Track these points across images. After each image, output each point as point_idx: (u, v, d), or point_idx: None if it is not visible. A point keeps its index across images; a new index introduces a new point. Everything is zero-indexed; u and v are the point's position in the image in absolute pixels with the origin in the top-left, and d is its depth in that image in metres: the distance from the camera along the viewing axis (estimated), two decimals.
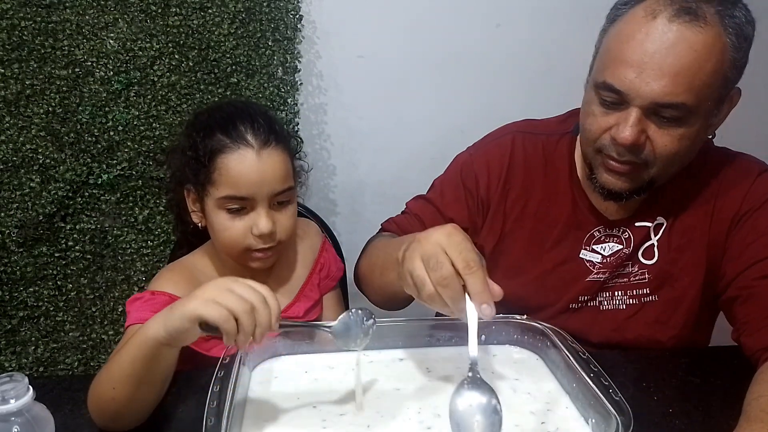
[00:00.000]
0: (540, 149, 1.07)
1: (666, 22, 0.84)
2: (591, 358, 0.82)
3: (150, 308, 0.91)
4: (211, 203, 0.98)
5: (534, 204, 1.07)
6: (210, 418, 0.69)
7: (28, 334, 1.69)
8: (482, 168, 1.10)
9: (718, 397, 0.89)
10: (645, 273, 1.03)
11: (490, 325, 0.93)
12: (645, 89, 0.85)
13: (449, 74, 1.74)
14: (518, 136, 1.10)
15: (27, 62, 1.53)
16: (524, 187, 1.08)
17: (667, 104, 0.85)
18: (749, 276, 0.92)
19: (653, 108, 0.86)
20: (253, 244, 0.98)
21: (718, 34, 0.84)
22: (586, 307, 1.06)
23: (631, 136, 0.87)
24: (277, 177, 0.97)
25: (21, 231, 1.61)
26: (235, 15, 1.58)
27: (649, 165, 0.92)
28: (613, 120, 0.90)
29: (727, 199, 0.98)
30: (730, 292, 0.95)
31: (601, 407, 0.74)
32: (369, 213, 1.84)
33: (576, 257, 1.05)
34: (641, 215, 1.02)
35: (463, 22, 1.70)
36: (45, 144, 1.58)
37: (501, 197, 1.08)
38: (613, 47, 0.89)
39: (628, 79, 0.86)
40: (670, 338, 1.03)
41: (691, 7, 0.84)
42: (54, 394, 0.87)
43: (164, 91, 1.60)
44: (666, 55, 0.84)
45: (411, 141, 1.80)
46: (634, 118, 0.87)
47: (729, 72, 0.87)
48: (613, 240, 1.03)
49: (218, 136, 0.96)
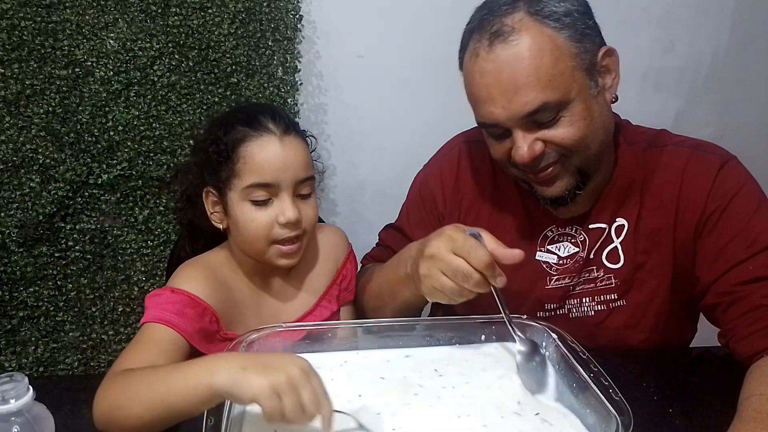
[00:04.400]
0: (487, 157, 1.07)
1: (486, 55, 0.88)
2: (591, 358, 0.82)
3: (170, 307, 0.90)
4: (235, 197, 0.97)
5: (486, 212, 1.08)
6: (210, 418, 0.69)
7: (28, 334, 1.69)
8: (436, 183, 1.13)
9: (718, 397, 0.89)
10: (611, 278, 1.02)
11: (490, 325, 0.93)
12: (508, 112, 0.88)
13: (449, 74, 1.74)
14: (464, 147, 1.14)
15: (27, 62, 1.53)
16: (474, 197, 1.10)
17: (534, 111, 0.87)
18: (728, 282, 0.91)
19: (528, 120, 0.89)
20: (279, 234, 0.97)
21: (535, 33, 0.86)
22: (555, 315, 1.05)
23: (527, 154, 0.90)
24: (300, 163, 0.98)
25: (21, 231, 1.61)
26: (235, 15, 1.58)
27: (565, 157, 0.92)
28: (508, 144, 0.93)
29: (690, 198, 0.96)
30: (710, 298, 0.94)
31: (601, 407, 0.74)
32: (369, 213, 1.84)
33: (532, 259, 1.04)
34: (593, 215, 1.02)
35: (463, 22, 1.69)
36: (45, 144, 1.58)
37: (454, 208, 1.11)
38: (468, 92, 0.96)
39: (490, 112, 0.90)
40: (641, 341, 1.03)
41: (498, 29, 0.87)
42: (54, 394, 0.87)
43: (164, 91, 1.60)
44: (501, 79, 0.87)
45: (411, 141, 1.79)
46: (520, 138, 0.90)
47: (574, 49, 0.88)
48: (567, 239, 1.03)
49: (239, 128, 0.97)
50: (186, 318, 0.90)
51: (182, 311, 0.91)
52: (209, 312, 0.94)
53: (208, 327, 0.94)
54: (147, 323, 0.90)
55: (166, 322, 0.88)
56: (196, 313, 0.92)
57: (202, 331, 0.92)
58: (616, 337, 1.03)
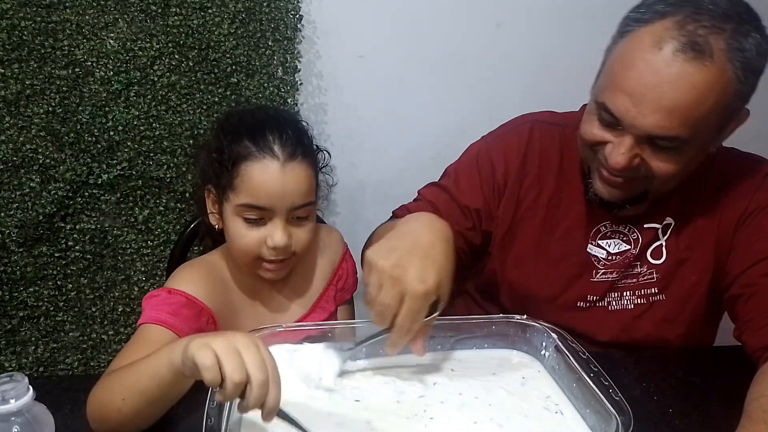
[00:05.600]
0: (557, 140, 1.07)
1: (670, 56, 0.81)
2: (591, 358, 0.82)
3: (166, 308, 0.90)
4: (229, 209, 0.96)
5: (547, 194, 1.07)
6: (210, 418, 0.69)
7: (28, 334, 1.69)
8: (499, 155, 1.09)
9: (718, 397, 0.89)
10: (653, 273, 1.03)
11: (490, 325, 0.93)
12: (640, 121, 0.84)
13: (449, 74, 1.74)
14: (536, 125, 1.09)
15: (27, 62, 1.53)
16: (539, 176, 1.07)
17: (662, 137, 0.85)
18: (753, 273, 0.92)
19: (647, 138, 0.86)
20: (266, 255, 0.97)
21: (722, 71, 0.82)
22: (594, 307, 1.06)
23: (623, 161, 0.87)
24: (299, 191, 0.95)
25: (21, 231, 1.61)
26: (235, 15, 1.58)
27: (645, 181, 0.92)
28: (608, 136, 0.90)
29: (735, 198, 0.98)
30: (734, 289, 0.95)
31: (601, 407, 0.74)
32: (369, 213, 1.84)
33: (583, 251, 1.04)
34: (651, 216, 1.02)
35: (463, 22, 1.70)
36: (45, 144, 1.58)
37: (516, 183, 1.07)
38: (615, 71, 0.88)
39: (624, 108, 0.85)
40: (677, 336, 1.03)
41: (699, 42, 0.80)
42: (54, 394, 0.87)
43: (164, 91, 1.60)
44: (665, 90, 0.82)
45: (411, 141, 1.80)
46: (627, 144, 0.87)
47: (732, 103, 0.86)
48: (619, 237, 1.03)
49: (245, 143, 0.94)
50: (182, 318, 0.90)
51: (179, 312, 0.91)
52: (206, 313, 0.95)
53: (204, 328, 0.94)
54: (143, 324, 0.90)
55: (162, 322, 0.89)
56: (192, 313, 0.92)
57: (199, 331, 0.92)
58: (653, 331, 1.03)
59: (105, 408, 0.77)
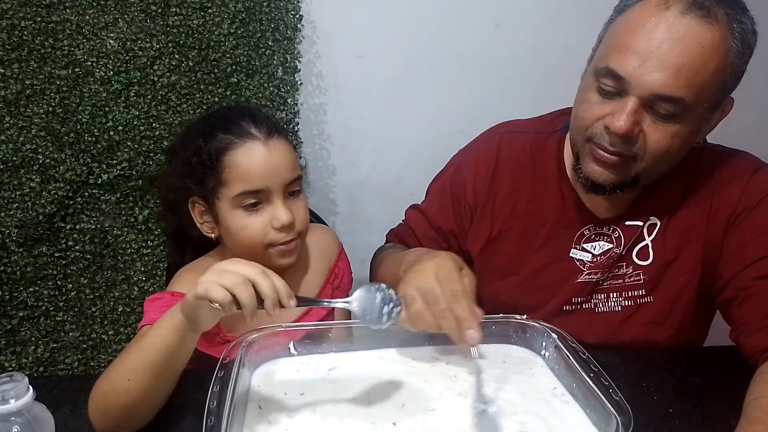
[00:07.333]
0: (528, 148, 1.07)
1: (678, 14, 0.83)
2: (591, 358, 0.82)
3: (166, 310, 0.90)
4: (225, 205, 0.96)
5: (523, 204, 1.07)
6: (210, 418, 0.69)
7: (28, 334, 1.69)
8: (469, 172, 1.12)
9: (718, 397, 0.89)
10: (640, 274, 1.02)
11: (491, 326, 0.93)
12: (647, 78, 0.84)
13: (449, 74, 1.74)
14: (505, 137, 1.11)
15: (27, 62, 1.53)
16: (512, 188, 1.08)
17: (667, 97, 0.85)
18: (747, 276, 0.92)
19: (651, 100, 0.86)
20: (275, 239, 0.97)
21: (725, 36, 0.84)
22: (580, 309, 1.05)
23: (626, 124, 0.86)
24: (287, 165, 0.97)
25: (21, 231, 1.61)
26: (235, 15, 1.58)
27: (637, 159, 0.91)
28: (608, 109, 0.89)
29: (723, 198, 0.97)
30: (727, 292, 0.95)
31: (601, 407, 0.74)
32: (369, 213, 1.84)
33: (566, 256, 1.04)
34: (632, 214, 1.02)
35: (463, 22, 1.70)
36: (45, 144, 1.58)
37: (487, 199, 1.09)
38: (620, 34, 0.88)
39: (631, 66, 0.85)
40: (666, 338, 1.03)
41: (704, 3, 0.83)
42: (54, 394, 0.87)
43: (164, 91, 1.60)
44: (673, 46, 0.83)
45: (411, 141, 1.80)
46: (630, 107, 0.86)
47: (728, 76, 0.87)
48: (603, 239, 1.03)
49: (221, 136, 0.95)
50: None
51: None
52: None
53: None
54: (144, 326, 0.90)
55: None
56: None
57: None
58: (641, 333, 1.03)
59: (110, 394, 0.78)
